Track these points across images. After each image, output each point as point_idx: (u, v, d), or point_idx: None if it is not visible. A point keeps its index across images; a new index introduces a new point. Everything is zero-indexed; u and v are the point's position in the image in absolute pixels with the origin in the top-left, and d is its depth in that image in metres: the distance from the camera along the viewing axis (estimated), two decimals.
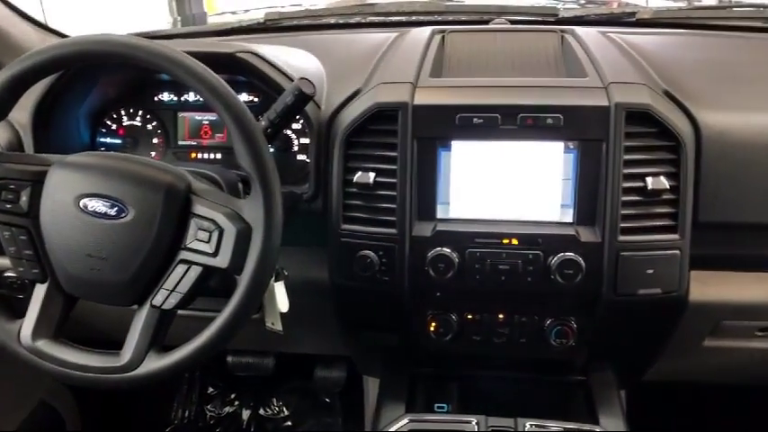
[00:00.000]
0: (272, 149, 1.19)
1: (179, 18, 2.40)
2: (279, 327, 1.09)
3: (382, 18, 1.54)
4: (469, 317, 1.16)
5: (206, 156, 1.28)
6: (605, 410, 1.18)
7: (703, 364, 1.29)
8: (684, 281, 1.08)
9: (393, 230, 1.08)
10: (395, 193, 1.07)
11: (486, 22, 1.47)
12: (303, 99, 0.99)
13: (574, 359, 1.23)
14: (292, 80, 1.04)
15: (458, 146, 1.07)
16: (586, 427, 1.12)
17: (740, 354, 1.23)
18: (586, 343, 1.15)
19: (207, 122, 1.27)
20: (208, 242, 0.89)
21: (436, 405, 1.23)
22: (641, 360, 1.26)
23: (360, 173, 1.08)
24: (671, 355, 1.23)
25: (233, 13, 2.12)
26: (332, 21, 1.55)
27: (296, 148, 1.22)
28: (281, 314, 1.09)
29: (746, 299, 1.14)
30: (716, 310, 1.14)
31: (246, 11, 2.01)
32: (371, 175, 1.07)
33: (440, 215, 1.10)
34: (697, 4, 2.15)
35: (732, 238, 1.15)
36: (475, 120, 1.05)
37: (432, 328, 1.16)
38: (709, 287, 1.13)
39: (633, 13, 1.53)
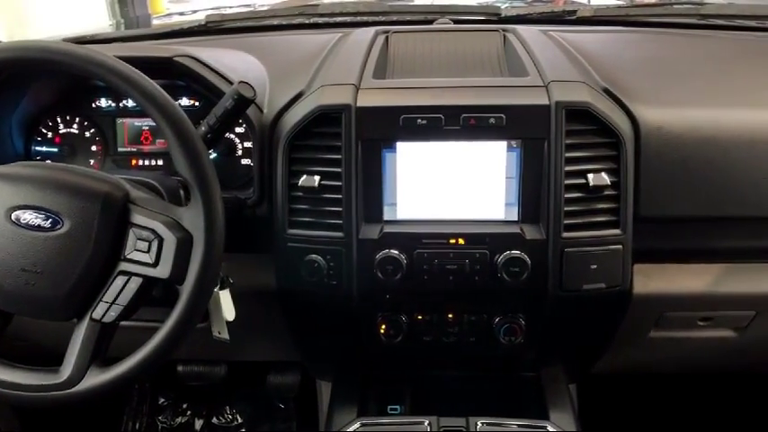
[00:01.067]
0: (213, 154, 1.18)
1: (122, 21, 2.34)
2: (226, 335, 1.07)
3: (326, 19, 1.52)
4: (419, 317, 1.16)
5: (147, 162, 1.25)
6: (556, 405, 1.20)
7: (649, 355, 1.31)
8: (628, 275, 1.10)
9: (340, 234, 1.07)
10: (340, 196, 1.06)
11: (430, 22, 1.48)
12: (243, 103, 0.97)
13: (523, 356, 1.24)
14: (232, 84, 1.02)
15: (402, 147, 1.07)
16: (537, 423, 1.13)
17: (684, 344, 1.26)
18: (535, 339, 1.17)
19: (147, 128, 1.24)
20: (147, 252, 0.87)
21: (389, 407, 1.24)
22: (589, 354, 1.28)
23: (305, 176, 1.07)
24: (618, 347, 1.26)
25: (181, 14, 2.08)
26: (275, 22, 1.53)
27: (239, 153, 1.20)
28: (228, 322, 1.07)
29: (688, 290, 1.16)
30: (659, 302, 1.17)
31: (195, 11, 1.97)
32: (316, 178, 1.06)
33: (387, 217, 1.09)
34: (637, 1, 2.20)
35: (673, 232, 1.17)
36: (419, 121, 1.05)
37: (382, 331, 1.16)
38: (652, 280, 1.15)
39: (574, 12, 1.56)
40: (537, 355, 1.24)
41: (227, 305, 1.05)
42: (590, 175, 1.05)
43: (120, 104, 1.24)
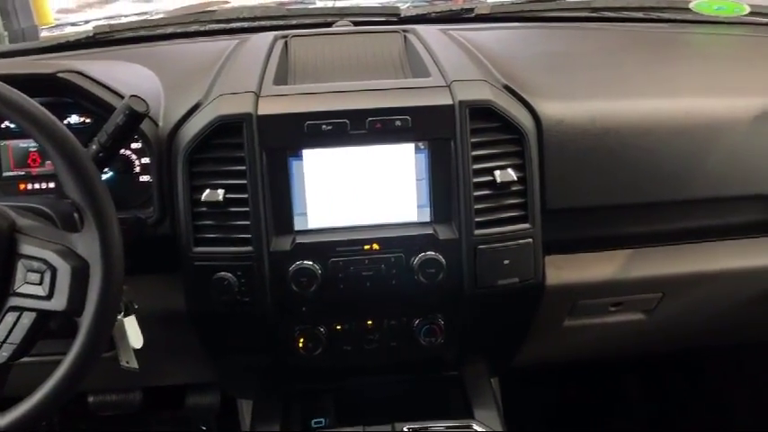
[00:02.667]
0: (108, 173, 1.11)
1: (5, 34, 2.19)
2: (134, 364, 1.01)
3: (222, 25, 1.48)
4: (338, 327, 1.14)
5: (37, 186, 1.16)
6: (479, 402, 1.21)
7: (565, 343, 1.34)
8: (540, 267, 1.12)
9: (249, 248, 1.03)
10: (247, 209, 1.03)
11: (330, 25, 1.46)
12: (135, 118, 0.92)
13: (445, 355, 1.24)
14: (123, 98, 0.97)
15: (309, 154, 1.04)
16: (463, 423, 1.13)
17: (597, 330, 1.29)
18: (455, 338, 1.17)
19: (34, 149, 1.15)
20: (40, 284, 0.81)
21: (313, 421, 1.20)
22: (508, 347, 1.30)
23: (208, 190, 1.02)
24: (535, 338, 1.27)
25: (73, 24, 1.96)
26: (168, 30, 1.47)
27: (137, 170, 1.14)
28: (137, 350, 1.01)
29: (599, 277, 1.19)
30: (572, 291, 1.19)
31: (88, 21, 1.86)
32: (220, 192, 1.02)
33: (298, 227, 1.06)
34: None
35: (581, 221, 1.20)
36: (324, 127, 1.03)
37: (301, 344, 1.13)
38: (563, 270, 1.17)
39: (472, 10, 1.57)
40: (458, 353, 1.25)
41: (133, 332, 0.99)
42: (497, 172, 1.05)
43: (2, 126, 1.15)
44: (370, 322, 1.14)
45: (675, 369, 1.86)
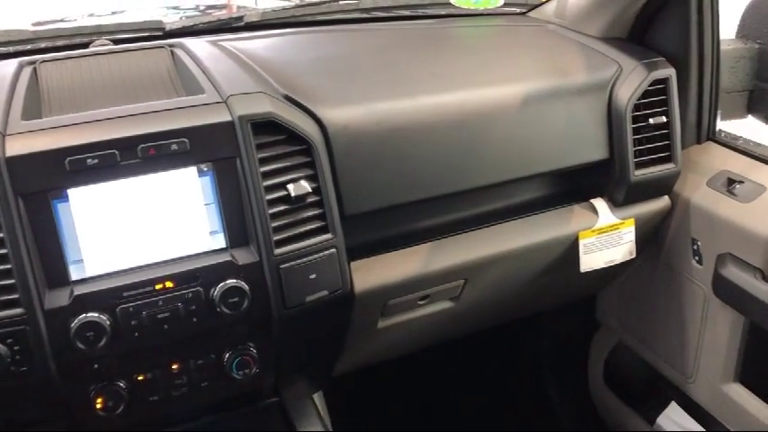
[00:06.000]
0: None
1: None
2: None
3: None
4: (140, 378, 1.03)
5: None
6: (303, 423, 1.17)
7: (381, 344, 1.34)
8: (347, 276, 1.10)
9: (19, 310, 0.89)
10: (9, 266, 0.89)
11: (86, 45, 1.31)
12: None
13: (262, 384, 1.18)
14: None
15: (76, 194, 0.93)
16: None
17: (410, 324, 1.31)
18: (270, 364, 1.11)
19: None
20: None
21: None
22: (326, 361, 1.27)
23: None
24: (352, 345, 1.26)
25: None
26: None
27: None
28: None
29: (404, 275, 1.20)
30: (381, 293, 1.19)
31: None
32: None
33: (75, 277, 0.94)
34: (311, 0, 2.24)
35: (380, 223, 1.21)
36: (89, 161, 0.92)
37: (99, 405, 1.00)
38: (370, 274, 1.16)
39: (241, 18, 1.51)
40: (276, 377, 1.19)
41: None
42: (290, 186, 1.01)
43: None
44: (175, 366, 1.04)
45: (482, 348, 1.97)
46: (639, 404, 1.68)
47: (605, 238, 1.34)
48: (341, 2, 1.76)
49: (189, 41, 1.27)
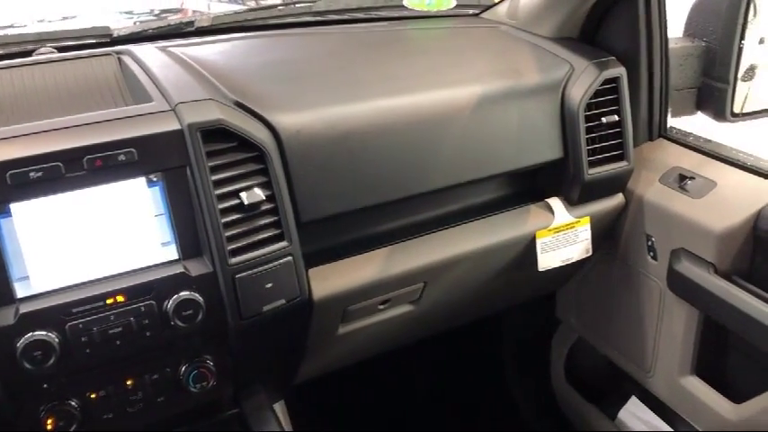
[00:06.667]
0: None
1: None
2: None
3: None
4: (93, 396, 1.00)
5: None
6: None
7: (342, 350, 1.33)
8: (304, 283, 1.09)
9: None
10: None
11: (29, 53, 1.27)
12: None
13: (221, 396, 1.16)
14: None
15: (19, 208, 0.89)
16: None
17: (371, 329, 1.30)
18: (228, 376, 1.09)
19: None
20: None
21: None
22: (287, 369, 1.25)
23: None
24: (312, 353, 1.25)
25: None
26: None
27: None
28: None
29: (364, 280, 1.18)
30: (340, 299, 1.18)
31: None
32: None
33: (21, 294, 0.91)
34: (263, 4, 2.22)
35: (338, 228, 1.19)
36: (32, 174, 0.89)
37: (50, 426, 0.97)
38: (329, 280, 1.15)
39: (192, 23, 1.49)
40: (235, 389, 1.17)
41: None
42: (243, 194, 1.00)
43: None
44: (129, 382, 1.01)
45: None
46: (601, 400, 1.70)
47: (562, 237, 1.36)
48: (293, 5, 1.75)
49: (137, 48, 1.24)
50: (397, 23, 1.60)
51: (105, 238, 0.95)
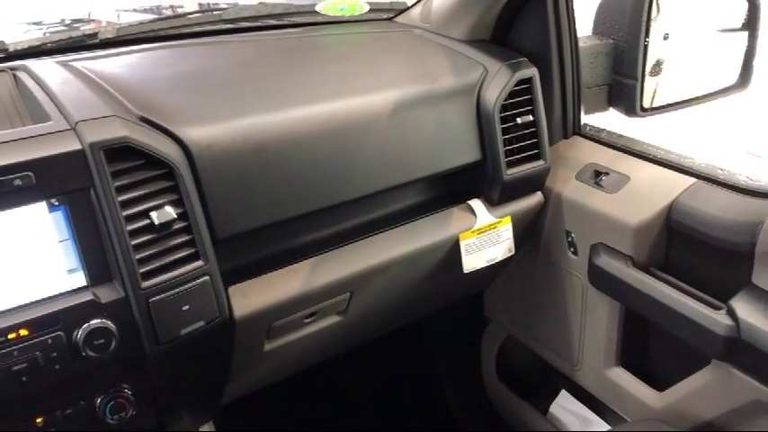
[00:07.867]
0: None
1: None
2: None
3: None
4: None
5: None
6: None
7: (272, 366, 1.30)
8: (224, 302, 1.05)
9: None
10: None
11: None
12: None
13: (142, 425, 1.11)
14: None
15: None
16: None
17: (298, 343, 1.27)
18: (149, 404, 1.04)
19: None
20: None
21: None
22: (212, 391, 1.21)
23: None
24: (238, 372, 1.21)
25: None
26: None
27: None
28: None
29: (287, 294, 1.15)
30: (264, 315, 1.14)
31: None
32: None
33: None
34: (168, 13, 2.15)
35: (257, 242, 1.16)
36: None
37: None
38: (251, 297, 1.11)
39: (96, 34, 1.42)
40: (158, 416, 1.12)
41: None
42: (153, 214, 0.95)
43: None
44: (39, 420, 0.96)
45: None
46: (532, 395, 1.72)
47: (485, 238, 1.36)
48: (202, 14, 1.70)
49: (34, 63, 1.18)
50: (310, 29, 1.58)
51: (5, 267, 0.89)
